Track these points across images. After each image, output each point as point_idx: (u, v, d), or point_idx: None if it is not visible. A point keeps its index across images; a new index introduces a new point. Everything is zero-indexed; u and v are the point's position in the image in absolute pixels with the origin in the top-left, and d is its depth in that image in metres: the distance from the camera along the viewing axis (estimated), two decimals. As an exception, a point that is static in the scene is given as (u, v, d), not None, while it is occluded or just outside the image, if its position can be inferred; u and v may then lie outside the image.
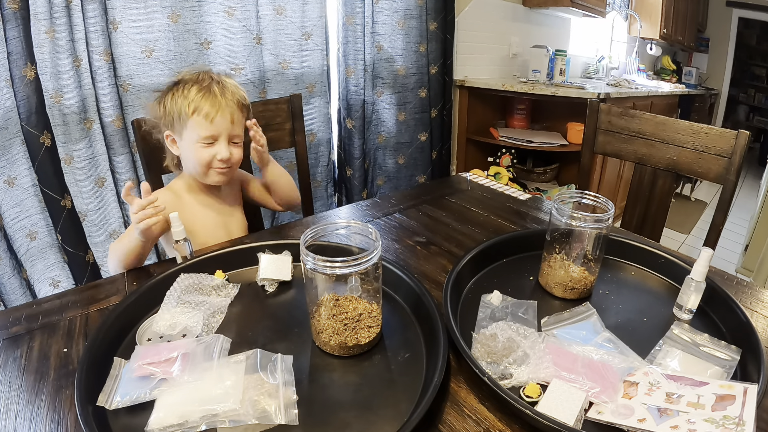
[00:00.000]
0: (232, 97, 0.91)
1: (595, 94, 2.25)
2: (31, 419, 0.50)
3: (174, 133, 0.92)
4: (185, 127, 0.90)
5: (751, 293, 0.76)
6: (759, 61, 5.77)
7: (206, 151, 0.90)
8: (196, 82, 0.90)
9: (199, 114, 0.88)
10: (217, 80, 0.91)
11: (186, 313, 0.65)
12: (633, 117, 1.24)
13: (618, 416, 0.50)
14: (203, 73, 0.92)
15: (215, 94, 0.89)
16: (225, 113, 0.89)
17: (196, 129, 0.89)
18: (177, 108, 0.89)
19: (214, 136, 0.90)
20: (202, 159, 0.91)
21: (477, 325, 0.65)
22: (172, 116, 0.90)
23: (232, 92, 0.92)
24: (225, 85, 0.91)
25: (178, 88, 0.90)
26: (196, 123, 0.88)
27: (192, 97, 0.88)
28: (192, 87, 0.89)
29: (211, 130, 0.89)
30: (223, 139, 0.91)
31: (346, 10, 1.84)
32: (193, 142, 0.90)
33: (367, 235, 0.62)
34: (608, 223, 0.69)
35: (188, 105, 0.88)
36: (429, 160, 2.32)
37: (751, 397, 0.48)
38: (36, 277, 1.34)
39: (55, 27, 1.20)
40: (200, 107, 0.88)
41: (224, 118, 0.90)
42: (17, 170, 1.25)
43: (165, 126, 0.93)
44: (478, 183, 1.26)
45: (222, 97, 0.89)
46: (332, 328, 0.59)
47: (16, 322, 0.66)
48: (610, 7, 3.52)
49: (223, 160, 0.91)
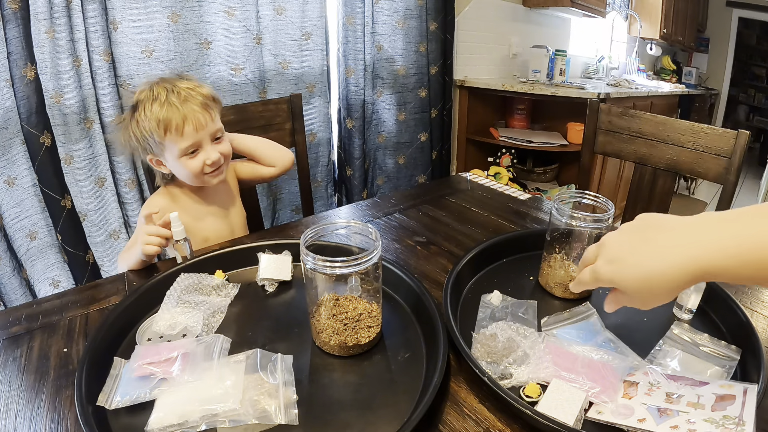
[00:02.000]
0: (194, 100, 0.87)
1: (595, 94, 2.25)
2: (31, 419, 0.50)
3: (155, 155, 0.90)
4: (164, 148, 0.88)
5: (751, 293, 0.76)
6: (759, 61, 5.77)
7: (194, 161, 0.89)
8: (153, 99, 0.85)
9: (170, 131, 0.85)
10: (171, 88, 0.86)
11: (186, 313, 0.65)
12: (633, 117, 1.24)
13: (618, 416, 0.50)
14: (155, 85, 0.87)
15: (176, 106, 0.85)
16: (194, 119, 0.86)
17: (174, 145, 0.86)
18: (147, 132, 0.85)
19: (194, 144, 0.88)
20: (194, 169, 0.89)
21: (477, 325, 0.65)
22: (146, 141, 0.87)
23: (191, 95, 0.87)
24: (180, 91, 0.87)
25: (140, 111, 0.86)
26: (171, 140, 0.86)
27: (156, 115, 0.84)
28: (152, 106, 0.85)
29: (188, 140, 0.87)
30: (206, 143, 0.89)
31: (346, 10, 1.84)
32: (177, 157, 0.88)
33: (367, 235, 0.62)
34: (608, 223, 0.69)
35: (156, 125, 0.84)
36: (429, 160, 2.33)
37: (750, 397, 0.48)
38: (36, 277, 1.34)
39: (55, 27, 1.20)
40: (168, 124, 0.84)
41: (196, 124, 0.86)
42: (17, 170, 1.25)
43: (144, 151, 0.90)
44: (478, 183, 1.26)
45: (184, 105, 0.85)
46: (332, 328, 0.59)
47: (16, 322, 0.66)
48: (610, 7, 3.52)
49: (213, 163, 0.90)
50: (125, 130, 0.88)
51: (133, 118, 0.87)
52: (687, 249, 0.40)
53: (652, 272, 0.42)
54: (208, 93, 0.90)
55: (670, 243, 0.42)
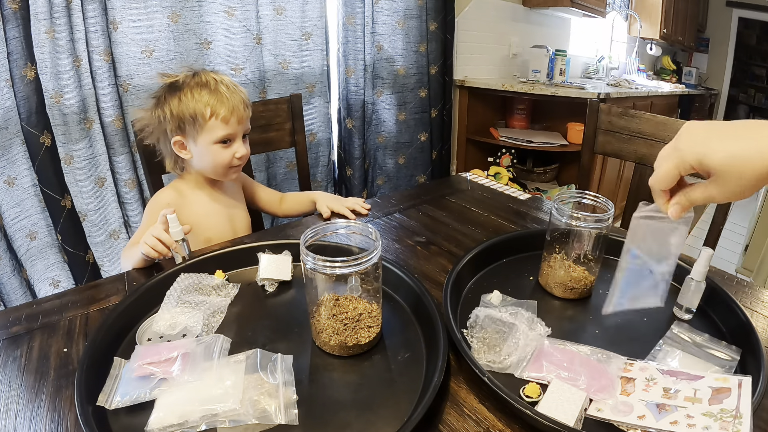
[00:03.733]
0: (239, 96, 0.92)
1: (595, 94, 2.25)
2: (31, 419, 0.50)
3: (185, 137, 0.92)
4: (201, 131, 0.90)
5: (751, 293, 0.76)
6: (759, 61, 5.76)
7: (225, 151, 0.92)
8: (203, 85, 0.89)
9: (216, 117, 0.89)
10: (219, 80, 0.92)
11: (186, 312, 0.65)
12: (633, 117, 1.24)
13: (618, 413, 0.50)
14: (202, 73, 0.92)
15: (225, 96, 0.89)
16: (238, 113, 0.91)
17: (214, 131, 0.90)
18: (190, 112, 0.88)
19: (231, 135, 0.92)
20: (223, 160, 0.93)
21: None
22: (182, 121, 0.89)
23: (236, 90, 0.93)
24: (227, 84, 0.92)
25: (185, 92, 0.88)
26: (213, 126, 0.89)
27: (206, 100, 0.88)
28: (202, 90, 0.88)
29: (228, 130, 0.91)
30: (239, 137, 0.94)
31: (346, 10, 1.84)
32: (210, 144, 0.91)
33: (367, 235, 0.62)
34: (608, 223, 0.69)
35: (204, 108, 0.88)
36: (429, 160, 2.32)
37: (746, 390, 0.48)
38: (36, 277, 1.34)
39: (55, 27, 1.20)
40: (216, 110, 0.88)
41: (239, 117, 0.91)
42: (17, 170, 1.25)
43: (172, 131, 0.91)
44: (478, 183, 1.26)
45: (233, 97, 0.90)
46: (332, 328, 0.59)
47: (16, 322, 0.66)
48: (610, 7, 3.52)
49: (241, 157, 0.94)
50: (156, 107, 0.91)
51: (173, 97, 0.89)
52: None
53: (743, 153, 0.41)
54: (245, 93, 0.96)
55: (757, 135, 0.41)
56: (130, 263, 0.82)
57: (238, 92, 0.92)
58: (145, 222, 0.94)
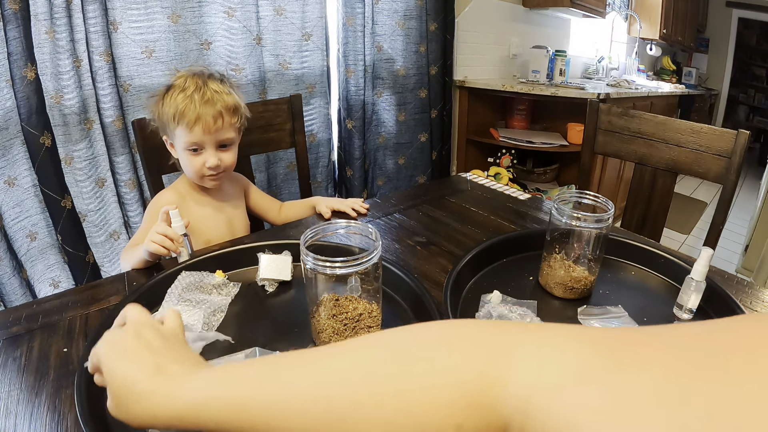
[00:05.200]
0: (214, 105, 0.88)
1: (595, 94, 2.25)
2: (31, 419, 0.50)
3: (168, 138, 0.94)
4: (174, 134, 0.91)
5: (751, 293, 0.76)
6: (759, 61, 5.77)
7: (196, 158, 0.91)
8: (182, 89, 0.88)
9: (182, 122, 0.87)
10: (201, 85, 0.89)
11: (187, 311, 0.65)
12: (633, 117, 1.24)
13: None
14: (195, 77, 0.90)
15: (196, 102, 0.87)
16: (205, 122, 0.88)
17: (181, 137, 0.90)
18: (166, 114, 0.89)
19: (197, 143, 0.90)
20: (194, 167, 0.92)
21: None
22: (163, 121, 0.91)
23: (213, 99, 0.89)
24: (207, 91, 0.89)
25: (170, 93, 0.89)
26: (180, 131, 0.89)
27: (176, 105, 0.87)
28: (179, 95, 0.88)
29: (193, 138, 0.89)
30: (209, 147, 0.91)
31: (346, 10, 1.85)
32: (182, 149, 0.91)
33: (367, 235, 0.62)
34: (608, 223, 0.69)
35: (173, 113, 0.87)
36: (429, 161, 2.33)
37: None
38: (36, 278, 1.34)
39: (56, 27, 1.20)
40: (183, 115, 0.87)
41: (204, 126, 0.88)
42: (17, 170, 1.25)
43: (161, 131, 0.94)
44: (478, 183, 1.26)
45: (204, 105, 0.87)
46: (332, 328, 0.59)
47: (16, 322, 0.66)
48: (609, 8, 3.52)
49: (211, 167, 0.91)
50: (156, 104, 0.92)
51: (163, 97, 0.90)
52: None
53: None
54: (231, 103, 0.91)
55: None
56: (130, 264, 0.82)
57: (214, 102, 0.88)
58: (145, 223, 0.94)
